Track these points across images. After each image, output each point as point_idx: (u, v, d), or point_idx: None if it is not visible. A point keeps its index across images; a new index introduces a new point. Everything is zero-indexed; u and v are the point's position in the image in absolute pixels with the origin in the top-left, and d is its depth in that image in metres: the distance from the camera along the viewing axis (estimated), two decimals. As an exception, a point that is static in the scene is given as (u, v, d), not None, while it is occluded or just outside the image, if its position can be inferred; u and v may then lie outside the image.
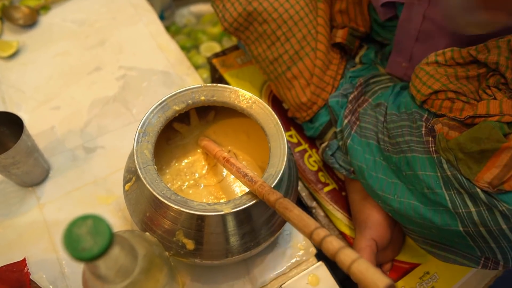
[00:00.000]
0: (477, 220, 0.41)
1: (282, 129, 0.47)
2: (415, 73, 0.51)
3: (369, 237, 0.52)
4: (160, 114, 0.48)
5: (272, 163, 0.45)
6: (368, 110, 0.56)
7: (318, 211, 0.60)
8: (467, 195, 0.42)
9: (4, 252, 0.53)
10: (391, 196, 0.48)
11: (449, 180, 0.43)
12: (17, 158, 0.51)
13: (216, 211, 0.41)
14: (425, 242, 0.49)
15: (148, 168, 0.44)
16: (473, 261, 0.46)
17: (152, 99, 0.71)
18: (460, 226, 0.42)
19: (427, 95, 0.49)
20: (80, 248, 0.24)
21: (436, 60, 0.50)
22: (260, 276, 0.53)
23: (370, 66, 0.63)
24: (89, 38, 0.79)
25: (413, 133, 0.48)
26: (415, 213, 0.46)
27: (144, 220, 0.46)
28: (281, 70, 0.60)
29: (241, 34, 0.61)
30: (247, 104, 0.50)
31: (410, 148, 0.47)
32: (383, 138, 0.51)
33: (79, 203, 0.58)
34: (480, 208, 0.41)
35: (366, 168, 0.51)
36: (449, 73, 0.48)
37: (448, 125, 0.46)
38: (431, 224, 0.44)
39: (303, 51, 0.58)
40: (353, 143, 0.54)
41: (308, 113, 0.61)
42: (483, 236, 0.41)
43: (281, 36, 0.57)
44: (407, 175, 0.47)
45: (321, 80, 0.59)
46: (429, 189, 0.44)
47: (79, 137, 0.65)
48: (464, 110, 0.46)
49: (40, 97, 0.70)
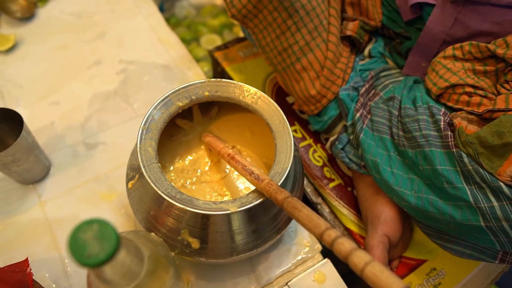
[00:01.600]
0: (500, 215, 0.40)
1: (288, 125, 0.46)
2: (431, 66, 0.50)
3: (382, 233, 0.51)
4: (164, 110, 0.47)
5: (278, 160, 0.44)
6: (380, 104, 0.55)
7: (323, 207, 0.59)
8: (489, 189, 0.41)
9: (6, 250, 0.52)
10: (408, 191, 0.48)
11: (469, 175, 0.42)
12: (17, 156, 0.50)
13: (222, 210, 0.40)
14: (440, 237, 0.48)
15: (152, 166, 0.43)
16: (490, 255, 0.45)
17: (153, 93, 0.69)
18: (481, 221, 0.41)
19: (443, 89, 0.48)
20: (86, 254, 0.23)
21: (453, 54, 0.49)
22: (265, 273, 0.53)
23: (379, 59, 0.62)
24: (88, 31, 0.77)
25: (431, 127, 0.47)
26: (433, 208, 0.45)
27: (148, 219, 0.45)
28: (290, 61, 0.58)
29: (249, 22, 0.58)
30: (252, 99, 0.49)
31: (429, 142, 0.46)
32: (397, 132, 0.50)
33: (80, 200, 0.57)
34: (503, 203, 0.40)
35: (381, 163, 0.50)
36: (466, 67, 0.48)
37: (467, 119, 0.45)
38: (450, 219, 0.44)
39: (314, 42, 0.56)
40: (366, 137, 0.53)
41: (316, 106, 0.60)
42: (505, 231, 0.41)
43: (291, 25, 0.55)
44: (425, 170, 0.46)
45: (331, 72, 0.57)
46: (449, 184, 0.43)
47: (79, 133, 0.64)
48: (482, 104, 0.45)
49: (39, 92, 0.68)
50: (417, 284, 0.53)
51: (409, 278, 0.54)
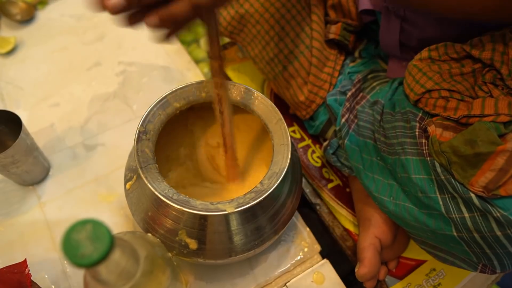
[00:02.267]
0: (471, 226, 0.39)
1: (285, 126, 0.46)
2: (408, 70, 0.48)
3: (373, 235, 0.51)
4: (161, 112, 0.47)
5: (276, 160, 0.44)
6: (366, 107, 0.54)
7: (322, 207, 0.59)
8: (461, 200, 0.40)
9: (5, 251, 0.52)
10: (386, 198, 0.47)
11: (443, 184, 0.41)
12: (16, 157, 0.50)
13: (219, 210, 0.40)
14: (424, 242, 0.48)
15: (149, 167, 0.43)
16: (471, 265, 0.44)
17: (152, 94, 0.70)
18: (454, 231, 0.41)
19: (420, 94, 0.46)
20: (79, 254, 0.23)
21: (429, 56, 0.47)
22: (264, 274, 0.53)
23: (370, 60, 0.61)
24: (87, 33, 0.78)
25: (407, 134, 0.46)
26: (410, 216, 0.44)
27: (146, 220, 0.45)
28: (278, 70, 0.59)
29: (236, 37, 0.61)
30: (250, 99, 0.49)
31: (404, 150, 0.45)
32: (379, 137, 0.49)
33: (80, 202, 0.57)
34: (474, 214, 0.39)
35: (363, 169, 0.50)
36: (443, 70, 0.46)
37: (442, 125, 0.43)
38: (425, 227, 0.43)
39: (298, 49, 0.57)
40: (351, 142, 0.53)
41: (307, 111, 0.60)
42: (477, 242, 0.40)
43: (274, 36, 0.57)
44: (402, 177, 0.46)
45: (317, 78, 0.58)
46: (423, 193, 0.43)
47: (79, 135, 0.64)
48: (458, 109, 0.43)
49: (39, 93, 0.69)
50: (416, 285, 0.53)
51: (408, 279, 0.53)
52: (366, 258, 0.49)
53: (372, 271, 0.49)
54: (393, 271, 0.54)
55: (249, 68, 0.73)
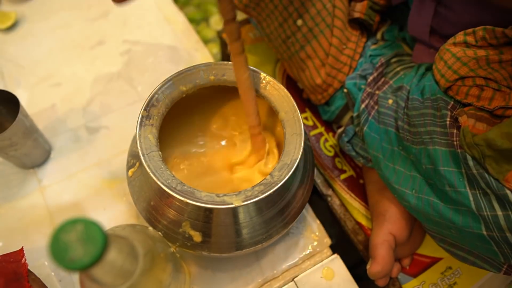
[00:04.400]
0: (504, 225, 0.36)
1: (299, 114, 0.43)
2: (439, 54, 0.44)
3: (387, 231, 0.48)
4: (166, 95, 0.44)
5: (287, 150, 0.41)
6: (389, 93, 0.50)
7: (333, 199, 0.56)
8: (494, 196, 0.37)
9: (4, 236, 0.51)
10: (408, 191, 0.44)
11: (474, 179, 0.38)
12: (14, 140, 0.48)
13: (225, 203, 0.37)
14: (443, 240, 0.45)
15: (152, 154, 0.40)
16: (494, 266, 0.42)
17: (158, 76, 0.66)
18: (483, 230, 0.38)
19: (452, 81, 0.42)
20: (67, 258, 0.21)
21: (465, 40, 0.43)
22: (271, 266, 0.50)
23: (394, 43, 0.57)
24: (91, 9, 0.74)
25: (437, 123, 0.42)
26: (433, 211, 0.41)
27: (149, 209, 0.43)
28: (294, 49, 0.55)
29: (251, 11, 0.56)
30: (261, 84, 0.45)
31: (433, 140, 0.42)
32: (402, 125, 0.46)
33: (81, 186, 0.55)
34: (509, 212, 0.36)
35: (383, 159, 0.47)
36: (479, 56, 0.42)
37: (475, 116, 0.40)
38: (451, 224, 0.40)
39: (318, 28, 0.52)
40: (370, 130, 0.49)
41: (323, 96, 0.57)
42: (509, 242, 0.37)
43: (293, 12, 0.52)
44: (427, 169, 0.42)
45: (337, 60, 0.54)
46: (451, 187, 0.40)
47: (81, 116, 0.61)
48: (494, 99, 0.40)
49: (40, 72, 0.66)
50: (431, 283, 0.50)
51: (422, 277, 0.51)
52: (379, 256, 0.47)
53: (385, 269, 0.47)
54: (406, 268, 0.51)
55: (261, 49, 0.69)
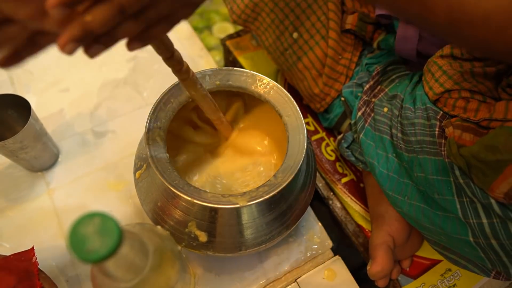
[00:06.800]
0: (489, 232, 0.38)
1: (302, 118, 0.44)
2: (427, 66, 0.46)
3: (386, 233, 0.49)
4: (173, 99, 0.45)
5: (290, 154, 0.43)
6: (384, 101, 0.52)
7: (335, 202, 0.58)
8: (480, 204, 0.38)
9: (13, 237, 0.52)
10: (400, 197, 0.46)
11: (461, 188, 0.39)
12: (25, 143, 0.50)
13: (231, 203, 0.38)
14: (437, 243, 0.47)
15: (160, 156, 0.41)
16: (484, 271, 0.43)
17: (163, 82, 0.68)
18: (470, 236, 0.39)
19: (439, 94, 0.44)
20: (86, 250, 0.22)
21: (451, 53, 0.45)
22: (274, 268, 0.51)
23: (389, 52, 0.59)
24: (98, 17, 0.76)
25: (427, 132, 0.44)
26: (424, 217, 0.43)
27: (155, 210, 0.44)
28: (292, 61, 0.57)
29: (250, 25, 0.59)
30: (265, 89, 0.47)
31: (423, 149, 0.43)
32: (396, 133, 0.48)
33: (89, 189, 0.57)
34: (493, 220, 0.37)
35: (378, 165, 0.48)
36: (464, 69, 0.43)
37: (462, 127, 0.41)
38: (440, 230, 0.42)
39: (313, 40, 0.54)
40: (366, 137, 0.51)
41: (322, 104, 0.59)
42: (494, 249, 0.38)
43: (289, 25, 0.54)
44: (418, 177, 0.44)
45: (333, 70, 0.56)
46: (440, 195, 0.41)
47: (88, 121, 0.63)
48: (479, 110, 0.41)
49: (48, 78, 0.68)
50: (431, 285, 0.51)
51: (422, 279, 0.52)
52: (379, 256, 0.48)
53: (385, 270, 0.48)
54: (406, 270, 0.52)
55: (263, 57, 0.70)
